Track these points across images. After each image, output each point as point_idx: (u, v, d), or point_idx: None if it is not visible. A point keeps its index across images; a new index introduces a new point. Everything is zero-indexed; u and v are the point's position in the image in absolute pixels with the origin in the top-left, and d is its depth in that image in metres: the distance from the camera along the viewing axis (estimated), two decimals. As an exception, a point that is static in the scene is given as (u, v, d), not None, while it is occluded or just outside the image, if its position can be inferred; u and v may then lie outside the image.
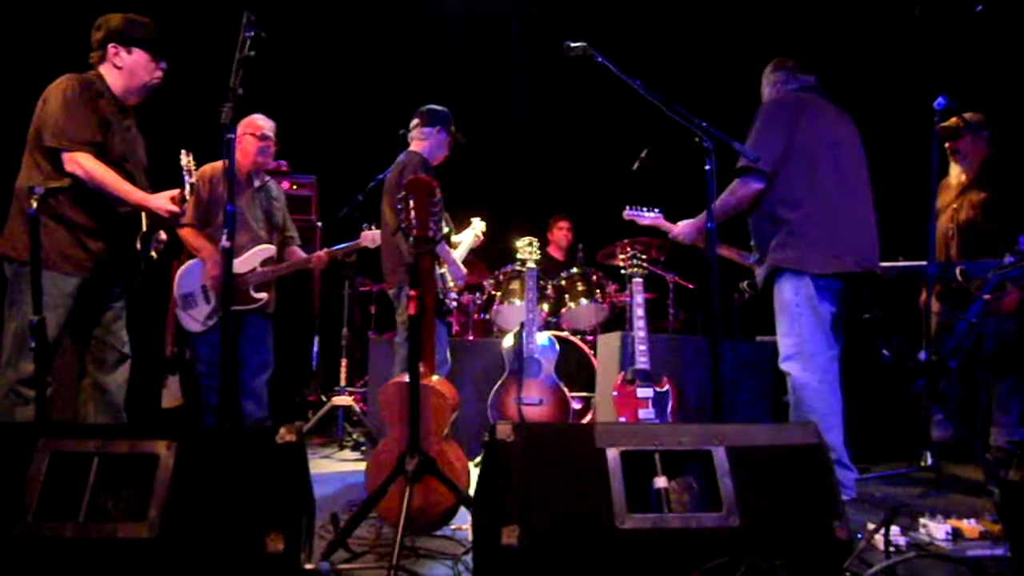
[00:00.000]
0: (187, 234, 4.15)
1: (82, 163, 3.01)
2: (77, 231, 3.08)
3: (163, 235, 3.50)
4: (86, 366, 3.23)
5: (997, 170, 4.29)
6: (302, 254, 4.45)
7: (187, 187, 3.22)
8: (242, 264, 4.16)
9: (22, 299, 2.96)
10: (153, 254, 3.42)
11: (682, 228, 3.81)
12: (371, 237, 4.34)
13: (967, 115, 4.20)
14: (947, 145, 4.33)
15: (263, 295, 4.19)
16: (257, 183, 4.34)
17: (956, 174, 4.41)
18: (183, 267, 4.21)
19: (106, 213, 3.15)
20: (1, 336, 3.05)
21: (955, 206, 4.34)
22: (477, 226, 4.69)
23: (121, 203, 3.16)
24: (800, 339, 3.37)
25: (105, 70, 3.21)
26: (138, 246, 3.32)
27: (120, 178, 3.11)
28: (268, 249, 4.27)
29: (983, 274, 3.64)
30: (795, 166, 3.41)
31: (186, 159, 3.25)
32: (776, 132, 3.44)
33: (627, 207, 3.99)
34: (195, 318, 4.07)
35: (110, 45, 3.19)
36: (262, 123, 4.31)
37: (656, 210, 3.96)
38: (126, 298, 3.33)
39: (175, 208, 3.16)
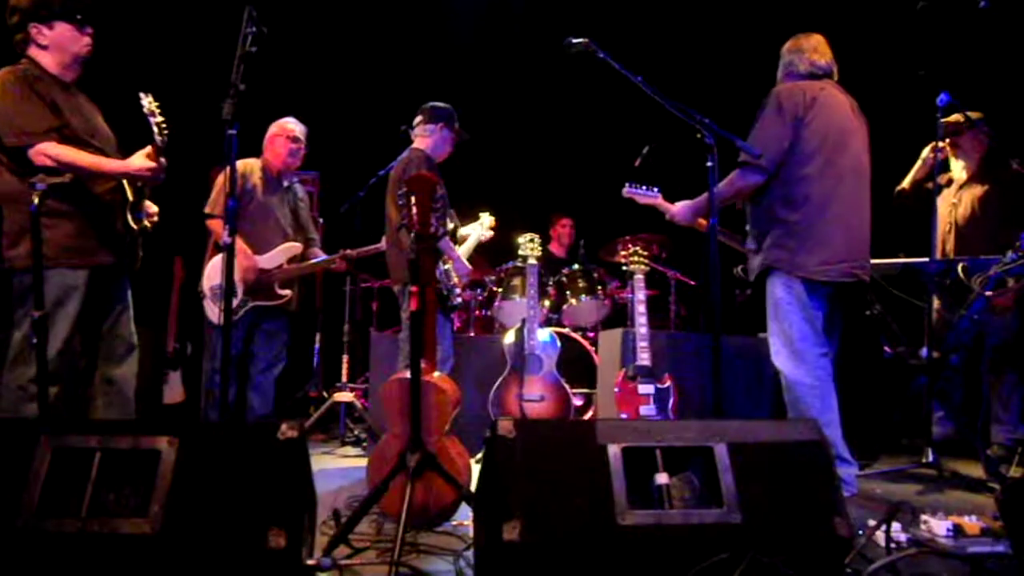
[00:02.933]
0: (217, 226, 4.21)
1: (48, 152, 2.94)
2: (74, 222, 3.05)
3: (152, 207, 3.39)
4: (95, 361, 3.22)
5: (996, 166, 4.29)
6: (322, 254, 4.53)
7: (156, 134, 3.00)
8: (269, 260, 4.23)
9: (32, 302, 2.92)
10: (147, 223, 3.32)
11: (679, 209, 3.74)
12: None
13: (969, 112, 4.20)
14: (948, 141, 4.33)
15: (287, 292, 4.28)
16: (285, 183, 4.42)
17: (957, 170, 4.43)
18: (214, 259, 4.25)
19: (93, 198, 3.10)
20: (9, 338, 3.04)
21: (954, 201, 4.38)
22: (485, 221, 4.70)
23: (100, 180, 3.10)
24: (790, 338, 3.36)
25: (33, 53, 3.09)
26: (130, 219, 3.23)
27: (91, 154, 3.04)
28: (295, 247, 4.36)
29: (985, 271, 3.63)
30: (797, 165, 3.35)
31: (147, 100, 3.00)
32: (780, 128, 3.35)
33: (627, 184, 3.90)
34: (223, 310, 4.12)
35: (30, 26, 3.07)
36: (293, 126, 4.40)
37: (655, 189, 3.88)
38: (130, 288, 3.32)
39: (153, 164, 3.04)
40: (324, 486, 3.37)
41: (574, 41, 3.02)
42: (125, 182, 3.20)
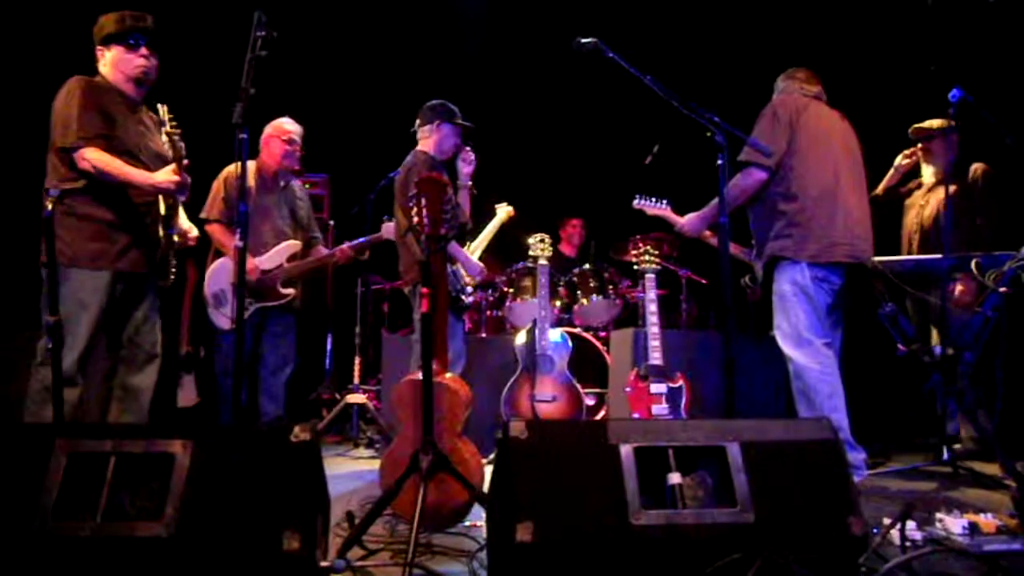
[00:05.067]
0: (215, 231, 4.22)
1: (88, 157, 3.08)
2: (101, 226, 3.15)
3: (193, 231, 3.55)
4: (116, 366, 3.28)
5: (963, 172, 4.34)
6: (326, 252, 4.53)
7: (167, 144, 3.19)
8: (269, 260, 4.24)
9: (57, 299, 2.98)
10: (176, 238, 3.44)
11: (688, 220, 3.93)
12: (391, 229, 4.38)
13: (936, 121, 4.29)
14: (919, 146, 4.47)
15: (290, 291, 4.28)
16: (282, 183, 4.42)
17: (927, 174, 4.51)
18: (213, 265, 4.27)
19: (127, 206, 3.21)
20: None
21: (922, 203, 4.49)
22: (501, 211, 4.78)
23: (134, 191, 3.21)
24: (796, 325, 3.54)
25: (102, 70, 3.31)
26: (160, 233, 3.34)
27: (126, 164, 3.15)
28: (294, 245, 4.36)
29: (999, 267, 3.61)
30: (794, 162, 3.60)
31: (162, 111, 3.23)
32: (778, 129, 3.61)
33: (636, 196, 4.11)
34: (226, 315, 4.13)
35: (96, 49, 3.31)
36: (289, 127, 4.40)
37: (664, 202, 4.09)
38: (157, 297, 3.37)
39: (178, 178, 3.16)
40: (337, 488, 3.38)
41: (583, 41, 3.03)
42: (161, 196, 3.32)
